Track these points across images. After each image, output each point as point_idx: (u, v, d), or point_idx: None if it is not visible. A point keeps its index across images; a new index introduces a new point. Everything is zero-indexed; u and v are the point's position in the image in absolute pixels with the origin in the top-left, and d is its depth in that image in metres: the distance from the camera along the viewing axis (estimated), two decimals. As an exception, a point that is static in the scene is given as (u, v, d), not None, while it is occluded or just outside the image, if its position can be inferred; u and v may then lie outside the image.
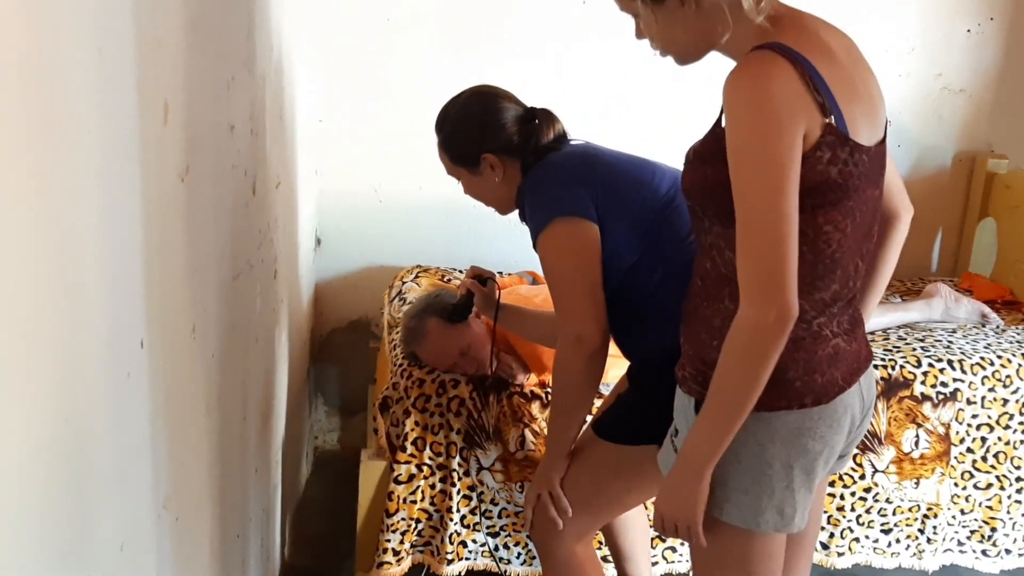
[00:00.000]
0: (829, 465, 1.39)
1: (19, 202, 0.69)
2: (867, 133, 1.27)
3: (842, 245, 1.28)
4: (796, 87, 1.19)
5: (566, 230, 1.67)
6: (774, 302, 1.20)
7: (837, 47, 1.28)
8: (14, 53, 0.66)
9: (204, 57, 1.25)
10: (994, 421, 2.31)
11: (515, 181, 1.81)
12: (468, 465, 2.14)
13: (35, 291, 0.73)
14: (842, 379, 1.34)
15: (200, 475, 1.33)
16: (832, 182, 1.22)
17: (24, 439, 0.72)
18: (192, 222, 1.20)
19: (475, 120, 1.82)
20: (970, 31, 3.03)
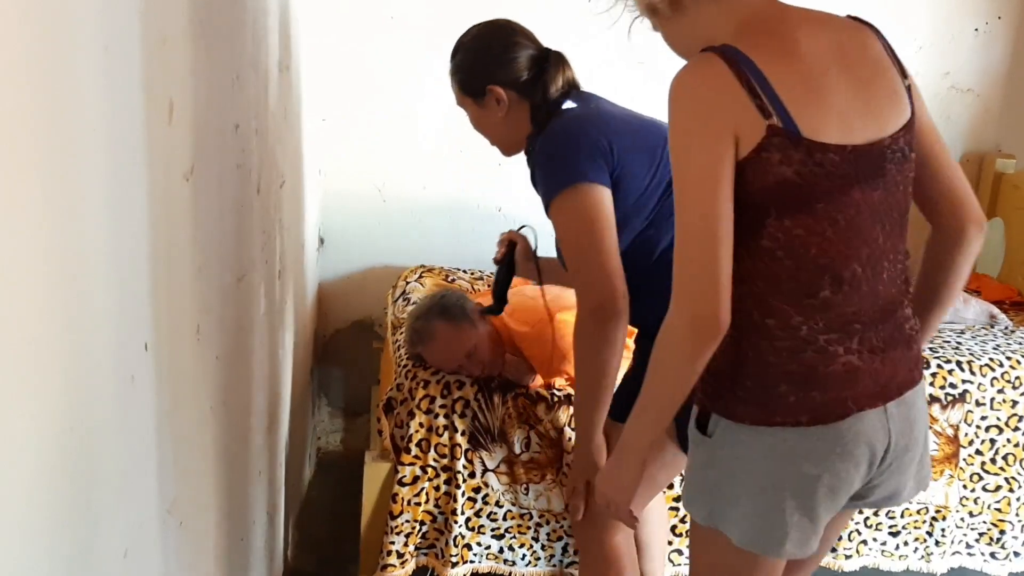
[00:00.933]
0: (838, 497, 1.27)
1: (23, 202, 0.67)
2: (843, 131, 1.20)
3: (826, 251, 1.21)
4: (727, 88, 1.16)
5: (581, 197, 1.64)
6: (701, 308, 1.18)
7: (818, 44, 1.22)
8: (19, 51, 0.65)
9: (209, 56, 1.23)
10: (1003, 423, 2.29)
11: (521, 124, 1.78)
12: (473, 467, 2.13)
13: (40, 294, 0.71)
14: (853, 400, 1.24)
15: (205, 479, 1.31)
16: (790, 183, 1.18)
17: (29, 445, 0.70)
18: (197, 222, 1.18)
19: (485, 50, 1.79)
20: (978, 30, 3.02)
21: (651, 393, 1.30)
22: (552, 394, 2.14)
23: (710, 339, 1.20)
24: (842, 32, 1.28)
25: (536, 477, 2.14)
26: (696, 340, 1.20)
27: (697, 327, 1.19)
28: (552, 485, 2.15)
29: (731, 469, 1.28)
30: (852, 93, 1.22)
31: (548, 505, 2.16)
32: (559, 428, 2.13)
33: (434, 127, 2.89)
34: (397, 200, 2.96)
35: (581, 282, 1.66)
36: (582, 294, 1.66)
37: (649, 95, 2.68)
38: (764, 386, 1.23)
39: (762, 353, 1.23)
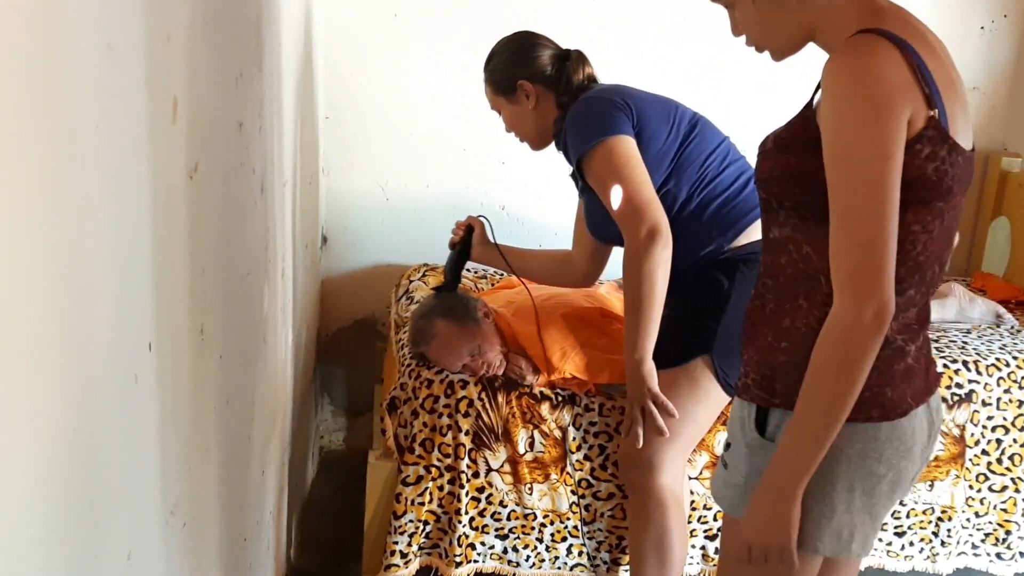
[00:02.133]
0: (896, 494, 1.30)
1: (25, 201, 0.66)
2: (964, 135, 1.21)
3: (927, 248, 1.21)
4: (903, 73, 1.13)
5: (612, 146, 1.87)
6: (872, 298, 1.13)
7: (937, 46, 1.23)
8: (21, 48, 0.64)
9: (214, 53, 1.22)
10: (1010, 423, 2.28)
11: (549, 114, 2.05)
12: (477, 467, 2.12)
13: (41, 295, 0.70)
14: (911, 397, 1.27)
15: (208, 480, 1.31)
16: (927, 179, 1.16)
17: (31, 446, 0.70)
18: (201, 221, 1.17)
19: (513, 53, 2.08)
20: (983, 28, 3.00)
21: (817, 405, 1.20)
22: (556, 393, 2.13)
23: (884, 327, 1.15)
24: (937, 38, 1.27)
25: (540, 477, 2.13)
26: (873, 330, 1.15)
27: (874, 317, 1.14)
28: (556, 484, 2.14)
29: None
30: (962, 99, 1.23)
31: (552, 505, 2.15)
32: (563, 427, 2.12)
33: (437, 125, 2.88)
34: (400, 198, 2.95)
35: (625, 218, 1.86)
36: (631, 225, 1.85)
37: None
38: None
39: None
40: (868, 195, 1.12)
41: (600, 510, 2.16)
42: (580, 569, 2.21)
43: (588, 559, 2.20)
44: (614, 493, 2.15)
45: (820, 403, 1.20)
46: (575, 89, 2.00)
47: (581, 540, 2.17)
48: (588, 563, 2.20)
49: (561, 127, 1.98)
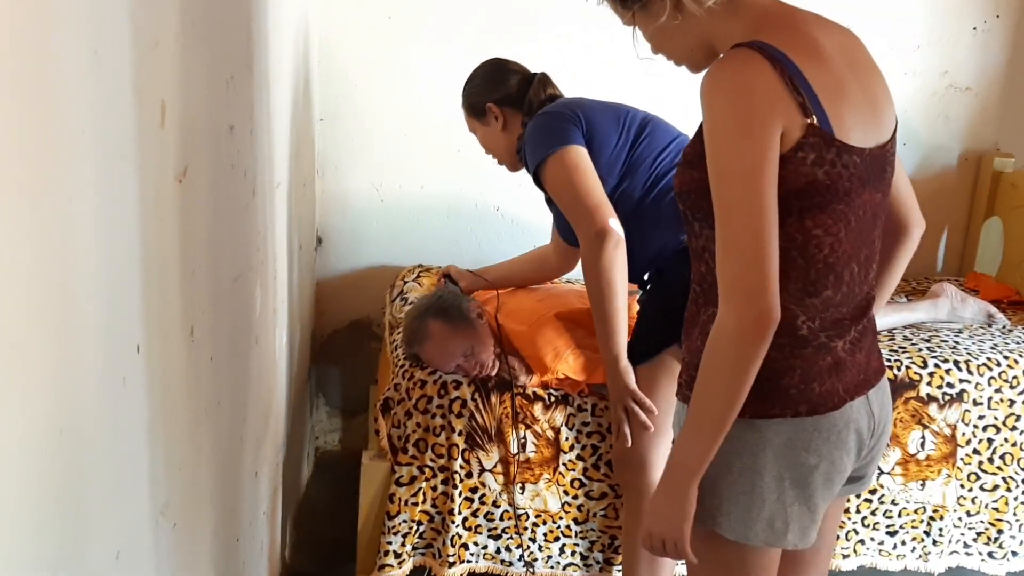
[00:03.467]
0: (834, 484, 1.32)
1: (12, 206, 0.67)
2: (861, 135, 1.23)
3: (835, 250, 1.24)
4: (773, 85, 1.15)
5: (563, 156, 1.98)
6: (754, 304, 1.16)
7: (833, 47, 1.24)
8: (7, 54, 0.65)
9: (203, 57, 1.23)
10: (1000, 422, 2.29)
11: (516, 133, 2.18)
12: (470, 467, 2.13)
13: (28, 298, 0.71)
14: (844, 390, 1.29)
15: (199, 480, 1.31)
16: (819, 184, 1.19)
17: (18, 448, 0.70)
18: (190, 224, 1.18)
19: (484, 76, 2.23)
20: (976, 29, 3.01)
21: (707, 404, 1.24)
22: (549, 394, 2.14)
23: (766, 336, 1.18)
24: (844, 37, 1.29)
25: (532, 477, 2.14)
26: (754, 338, 1.17)
27: (754, 323, 1.17)
28: (549, 484, 2.15)
29: (727, 465, 1.29)
30: (862, 97, 1.25)
31: (544, 506, 2.16)
32: (555, 428, 2.13)
33: (432, 127, 2.89)
34: (395, 200, 2.96)
35: (578, 221, 1.96)
36: (583, 230, 1.95)
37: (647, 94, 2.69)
38: (764, 378, 1.23)
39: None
40: (743, 207, 1.15)
41: (593, 510, 2.17)
42: (572, 569, 2.22)
43: (580, 558, 2.21)
44: (607, 492, 2.16)
45: (708, 405, 1.23)
46: (537, 108, 2.12)
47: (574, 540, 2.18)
48: (581, 562, 2.21)
49: (522, 141, 2.11)
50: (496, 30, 2.84)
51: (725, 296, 1.19)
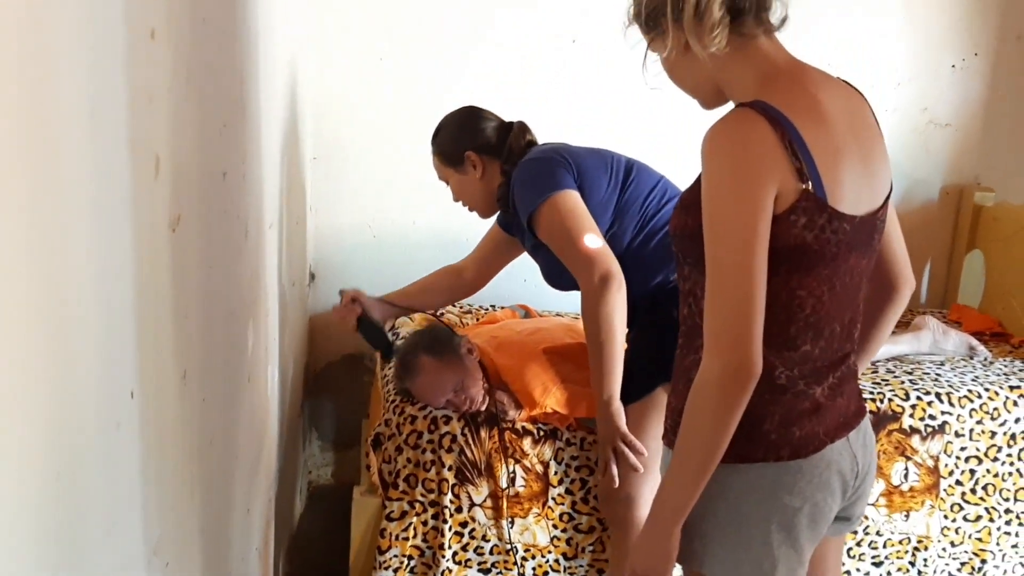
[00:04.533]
0: (819, 525, 1.34)
1: (12, 258, 0.71)
2: (854, 201, 1.25)
3: (817, 310, 1.27)
4: (772, 149, 1.18)
5: (558, 201, 1.98)
6: (736, 356, 1.20)
7: (837, 110, 1.26)
8: (14, 116, 0.69)
9: (196, 108, 1.27)
10: (982, 453, 2.32)
11: (494, 181, 2.18)
12: (460, 501, 2.16)
13: (26, 346, 0.75)
14: (824, 433, 1.32)
15: (191, 519, 1.34)
16: (807, 247, 1.22)
17: (16, 494, 0.74)
18: (182, 270, 1.22)
19: (459, 124, 2.21)
20: (955, 66, 3.08)
21: (689, 448, 1.27)
22: (538, 428, 2.17)
23: (747, 386, 1.21)
24: (848, 97, 1.31)
25: (521, 512, 2.17)
26: (735, 387, 1.21)
27: (736, 375, 1.20)
28: (538, 519, 2.17)
29: (713, 509, 1.32)
30: (859, 163, 1.27)
31: (533, 540, 2.18)
32: (544, 462, 2.16)
33: (422, 164, 2.92)
34: (387, 236, 3.00)
35: (578, 266, 1.97)
36: (585, 274, 1.95)
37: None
38: (747, 424, 1.26)
39: None
40: (732, 264, 1.19)
41: (581, 544, 2.20)
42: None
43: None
44: (595, 527, 2.18)
45: (691, 451, 1.27)
46: (516, 156, 2.13)
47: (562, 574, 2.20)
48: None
49: (506, 192, 2.12)
50: (483, 74, 2.91)
51: (709, 346, 1.22)
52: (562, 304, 2.78)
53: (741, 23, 1.25)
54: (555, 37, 2.90)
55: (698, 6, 1.23)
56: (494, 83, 2.89)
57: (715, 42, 1.25)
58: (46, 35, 0.76)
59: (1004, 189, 3.12)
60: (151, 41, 1.04)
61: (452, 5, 2.86)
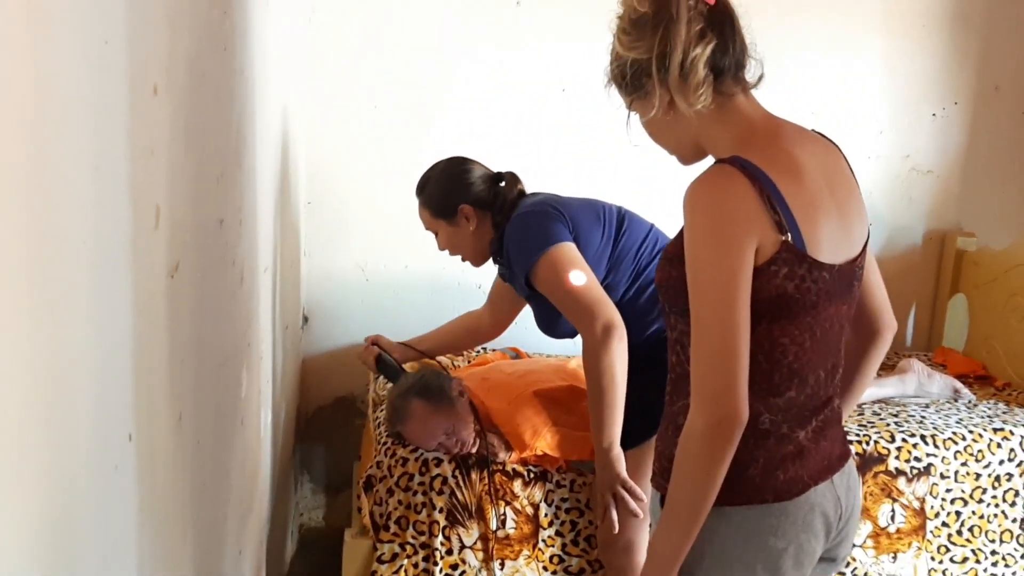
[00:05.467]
0: (804, 566, 1.37)
1: (16, 313, 0.74)
2: (832, 251, 1.29)
3: (799, 358, 1.30)
4: (750, 203, 1.22)
5: (557, 255, 1.99)
6: (721, 406, 1.23)
7: (813, 164, 1.30)
8: (21, 177, 0.72)
9: (194, 159, 1.31)
10: (968, 495, 2.35)
11: (486, 233, 2.19)
12: (450, 544, 2.17)
13: (24, 394, 0.78)
14: (808, 477, 1.34)
15: (184, 562, 1.36)
16: (788, 296, 1.25)
17: (12, 544, 0.76)
18: (179, 316, 1.25)
19: (452, 178, 2.20)
20: (935, 115, 3.16)
21: (680, 499, 1.30)
22: (528, 470, 2.19)
23: (733, 436, 1.24)
24: (825, 153, 1.36)
25: (512, 554, 2.18)
26: (720, 438, 1.24)
27: (721, 426, 1.23)
28: (528, 560, 2.18)
29: (700, 552, 1.34)
30: (836, 214, 1.30)
31: (524, 581, 2.19)
32: (535, 504, 2.18)
33: (415, 209, 2.98)
34: (379, 279, 3.04)
35: (580, 318, 1.98)
36: (587, 325, 1.96)
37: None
38: (731, 470, 1.29)
39: None
40: (715, 316, 1.22)
41: (571, 586, 2.21)
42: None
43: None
44: (585, 568, 2.20)
45: (681, 499, 1.30)
46: (509, 207, 2.14)
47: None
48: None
49: (499, 246, 2.14)
50: (474, 121, 2.97)
51: (695, 396, 1.26)
52: (552, 347, 2.81)
53: (721, 82, 1.30)
54: (545, 86, 2.97)
55: (683, 66, 1.27)
56: (485, 131, 2.95)
57: (701, 100, 1.29)
58: (54, 91, 0.80)
59: (985, 234, 3.18)
60: (153, 96, 1.09)
61: (444, 54, 2.93)
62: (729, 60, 1.30)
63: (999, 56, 3.16)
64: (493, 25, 2.95)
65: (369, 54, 2.92)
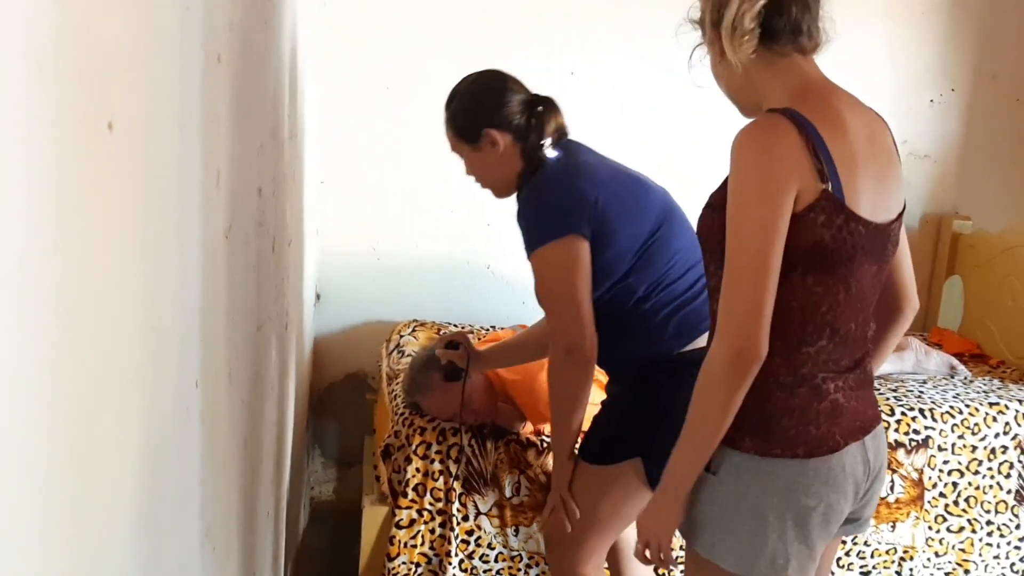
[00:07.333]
0: (831, 526, 1.41)
1: (128, 266, 0.81)
2: (869, 208, 1.34)
3: (833, 309, 1.35)
4: (795, 150, 1.28)
5: (558, 250, 1.79)
6: (742, 341, 1.30)
7: (858, 126, 1.36)
8: (129, 142, 0.79)
9: (243, 128, 1.38)
10: (964, 467, 2.44)
11: (514, 165, 1.88)
12: (466, 510, 2.24)
13: (134, 335, 0.84)
14: (840, 435, 1.38)
15: (229, 512, 1.43)
16: (825, 245, 1.31)
17: (118, 481, 0.83)
18: (231, 276, 1.32)
19: (480, 95, 1.91)
20: (933, 101, 3.24)
21: (695, 424, 1.37)
22: (542, 440, 2.26)
23: (750, 368, 1.31)
24: (871, 120, 1.42)
25: (526, 520, 2.25)
26: (739, 369, 1.31)
27: (740, 357, 1.30)
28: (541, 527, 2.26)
29: (735, 503, 1.40)
30: (875, 176, 1.36)
31: (537, 547, 2.27)
32: (548, 472, 2.25)
33: (426, 189, 3.05)
34: (391, 258, 3.10)
35: (555, 327, 1.84)
36: (556, 338, 1.84)
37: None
38: (767, 417, 1.36)
39: (768, 387, 1.36)
40: (749, 258, 1.30)
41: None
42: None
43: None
44: (597, 535, 2.27)
45: (696, 426, 1.38)
46: (542, 147, 1.87)
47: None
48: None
49: (524, 183, 1.87)
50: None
51: (719, 330, 1.33)
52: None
53: (775, 41, 1.38)
54: (554, 69, 3.03)
55: (735, 16, 1.35)
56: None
57: (743, 49, 1.37)
58: (158, 46, 0.86)
59: (980, 217, 3.26)
60: (217, 64, 1.15)
61: (455, 37, 2.99)
62: (783, 22, 1.37)
63: (997, 44, 3.25)
64: (505, 7, 3.02)
65: (382, 35, 2.98)
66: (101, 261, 0.75)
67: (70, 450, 0.70)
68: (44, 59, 0.61)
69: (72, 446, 0.70)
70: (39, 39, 0.60)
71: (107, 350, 0.77)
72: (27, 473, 0.62)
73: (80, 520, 0.74)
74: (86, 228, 0.70)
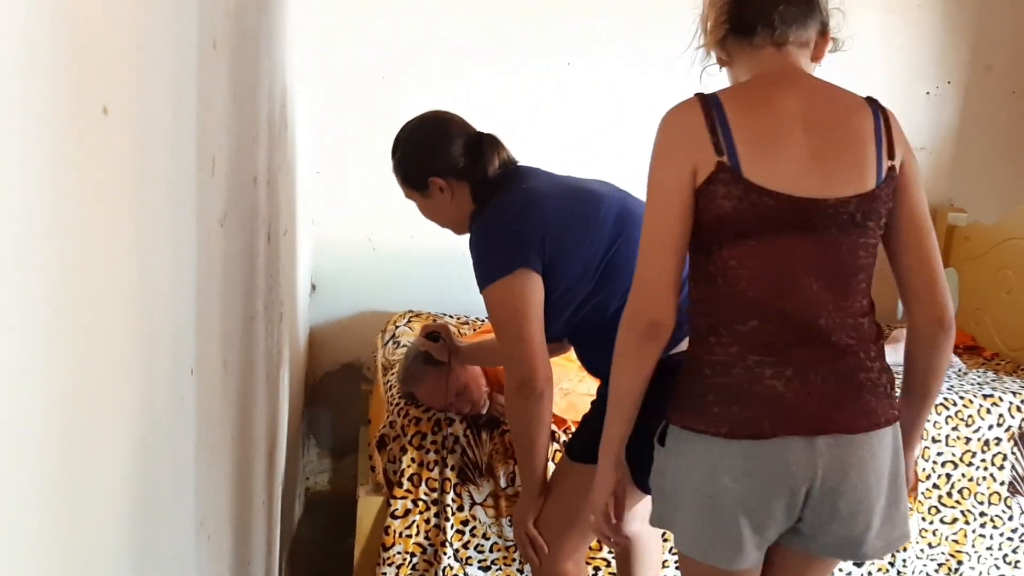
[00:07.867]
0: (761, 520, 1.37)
1: (119, 242, 0.80)
2: (786, 182, 1.34)
3: (754, 285, 1.35)
4: (694, 128, 1.36)
5: (508, 286, 1.77)
6: (642, 301, 1.38)
7: (796, 108, 1.37)
8: (124, 127, 0.78)
9: (239, 116, 1.37)
10: (958, 459, 2.44)
11: (465, 204, 1.91)
12: (462, 500, 2.24)
13: (128, 324, 0.84)
14: (770, 423, 1.33)
15: (224, 501, 1.43)
16: (727, 216, 1.35)
17: (115, 446, 0.82)
18: (226, 264, 1.31)
19: (421, 145, 1.92)
20: (929, 94, 3.24)
21: (611, 390, 1.46)
22: (537, 431, 2.26)
23: (652, 334, 1.38)
24: (831, 102, 1.43)
25: (521, 510, 2.25)
26: (636, 330, 1.39)
27: (638, 320, 1.38)
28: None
29: (677, 477, 1.43)
30: (808, 152, 1.36)
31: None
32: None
33: (422, 180, 3.04)
34: (386, 248, 3.10)
35: (507, 361, 1.84)
36: (508, 372, 1.85)
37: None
38: (697, 394, 1.39)
39: (701, 364, 1.40)
40: (651, 230, 1.39)
41: (578, 541, 2.28)
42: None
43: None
44: (591, 525, 2.27)
45: (612, 391, 1.47)
46: (490, 181, 1.88)
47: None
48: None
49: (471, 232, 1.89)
50: (482, 91, 3.02)
51: (629, 297, 1.41)
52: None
53: (752, 34, 1.44)
54: (551, 60, 3.03)
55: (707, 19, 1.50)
56: (492, 103, 3.01)
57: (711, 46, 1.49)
58: (151, 35, 0.86)
59: (976, 210, 3.27)
60: (213, 51, 1.14)
61: (452, 28, 2.98)
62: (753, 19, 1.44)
63: (992, 36, 3.25)
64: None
65: (378, 24, 2.96)
66: (95, 247, 0.74)
67: (63, 438, 0.69)
68: (39, 42, 0.60)
69: (65, 434, 0.70)
70: (34, 21, 0.59)
71: (101, 338, 0.77)
72: (19, 461, 0.61)
73: (74, 509, 0.73)
74: (80, 214, 0.70)
